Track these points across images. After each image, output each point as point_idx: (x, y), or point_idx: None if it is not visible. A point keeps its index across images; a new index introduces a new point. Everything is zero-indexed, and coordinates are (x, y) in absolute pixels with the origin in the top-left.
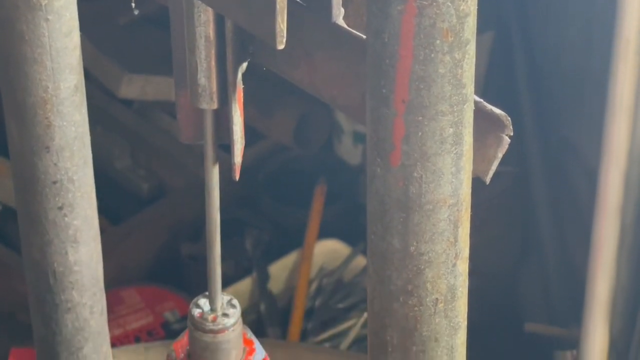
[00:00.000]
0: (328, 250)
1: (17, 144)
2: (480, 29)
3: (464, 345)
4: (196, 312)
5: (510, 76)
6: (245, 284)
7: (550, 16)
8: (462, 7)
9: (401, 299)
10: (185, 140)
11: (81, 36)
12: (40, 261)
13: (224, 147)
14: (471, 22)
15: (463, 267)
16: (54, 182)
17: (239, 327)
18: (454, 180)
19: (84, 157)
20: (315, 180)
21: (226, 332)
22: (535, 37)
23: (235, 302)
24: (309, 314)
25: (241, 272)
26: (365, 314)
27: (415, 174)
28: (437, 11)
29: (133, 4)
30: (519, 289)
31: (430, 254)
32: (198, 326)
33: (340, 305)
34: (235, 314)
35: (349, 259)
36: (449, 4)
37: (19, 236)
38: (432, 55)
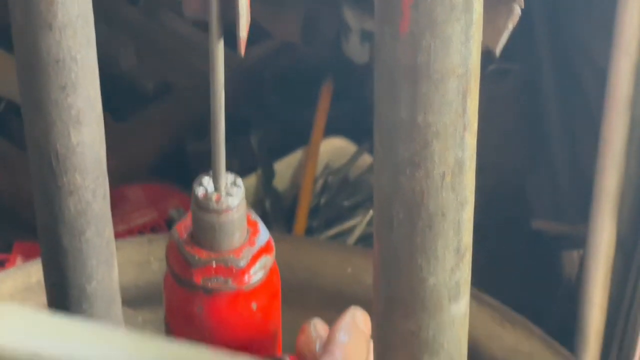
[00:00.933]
0: (334, 148)
1: (19, 22)
2: None
3: (471, 221)
4: (200, 191)
5: None
6: (250, 181)
7: None
8: None
9: (408, 171)
10: (189, 14)
11: None
12: (43, 144)
13: (229, 43)
14: None
15: (471, 140)
16: (57, 61)
17: (243, 207)
18: (463, 49)
19: (87, 36)
20: (322, 79)
21: (230, 212)
22: None
23: (239, 181)
24: (314, 211)
25: (246, 170)
26: (371, 212)
27: (424, 42)
28: None
29: None
30: (527, 187)
31: (438, 125)
32: (201, 206)
33: (346, 203)
34: (239, 193)
35: (355, 157)
36: None
37: (22, 131)
38: None
